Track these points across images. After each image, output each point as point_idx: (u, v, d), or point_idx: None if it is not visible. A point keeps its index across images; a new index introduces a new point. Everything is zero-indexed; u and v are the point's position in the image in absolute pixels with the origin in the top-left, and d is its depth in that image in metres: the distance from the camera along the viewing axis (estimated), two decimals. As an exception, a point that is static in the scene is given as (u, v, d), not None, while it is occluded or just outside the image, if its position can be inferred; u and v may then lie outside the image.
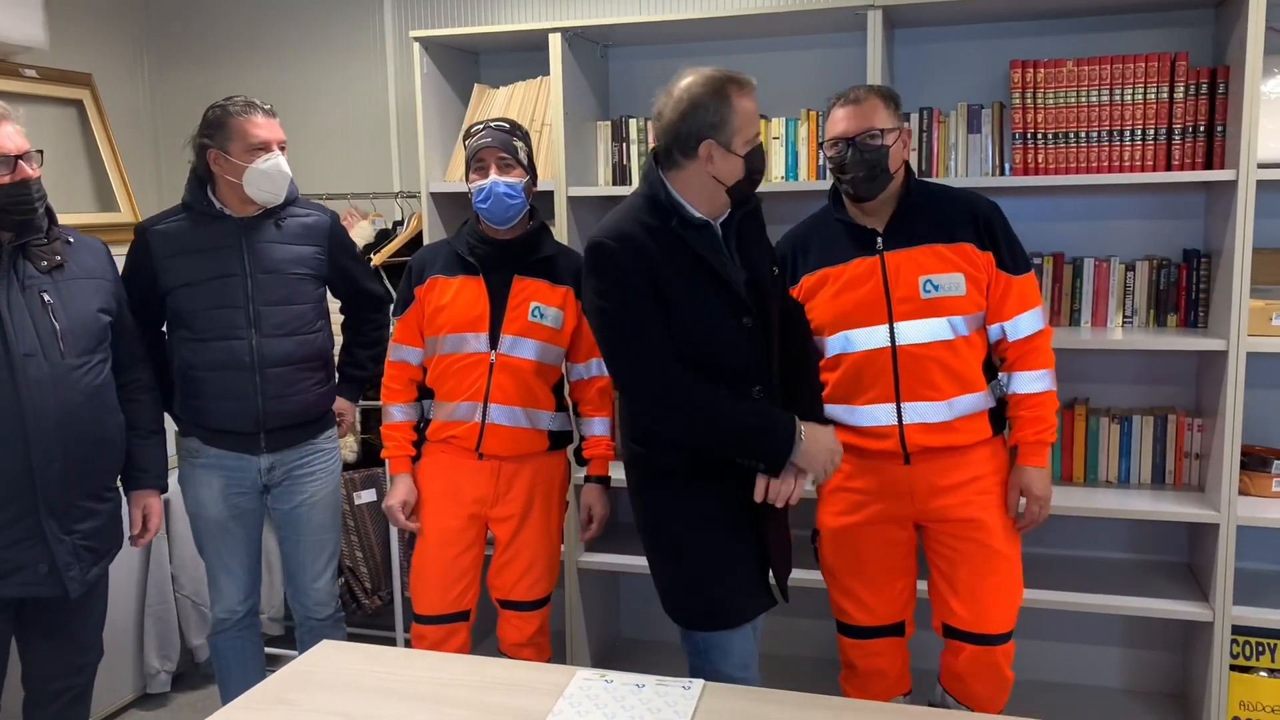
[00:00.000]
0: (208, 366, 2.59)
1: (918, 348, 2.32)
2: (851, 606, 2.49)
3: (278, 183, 2.57)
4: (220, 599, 2.75)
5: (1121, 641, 3.18)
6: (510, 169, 2.53)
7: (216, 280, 2.57)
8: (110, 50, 3.83)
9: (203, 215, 2.61)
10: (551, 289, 2.59)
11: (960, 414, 2.35)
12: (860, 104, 2.34)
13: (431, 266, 2.62)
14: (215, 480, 2.66)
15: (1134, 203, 3.02)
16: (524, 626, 2.67)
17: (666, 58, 3.35)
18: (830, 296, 2.38)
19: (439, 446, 2.63)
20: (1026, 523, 2.42)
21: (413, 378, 2.67)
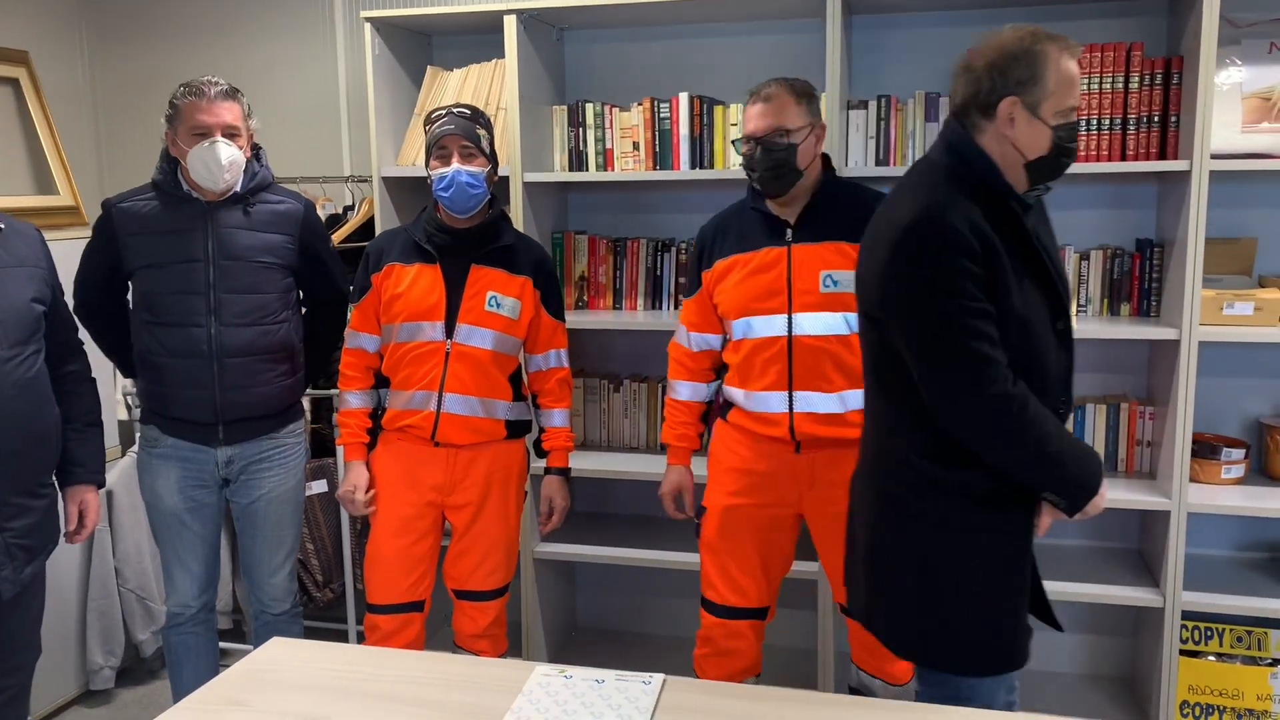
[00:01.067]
0: (167, 353, 2.52)
1: (813, 339, 2.37)
2: (724, 586, 2.54)
3: (212, 170, 2.47)
4: (174, 593, 2.68)
5: (1074, 627, 3.21)
6: (473, 157, 2.49)
7: (179, 264, 2.50)
8: (47, 27, 3.70)
9: (170, 196, 2.54)
10: (509, 278, 2.55)
11: (851, 408, 2.39)
12: (770, 102, 2.37)
13: (388, 254, 2.58)
14: (172, 471, 2.59)
15: (1088, 192, 3.04)
16: (479, 618, 2.64)
17: (623, 41, 3.31)
18: (737, 282, 2.43)
19: (394, 435, 2.59)
20: None
21: (369, 365, 2.64)
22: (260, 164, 2.64)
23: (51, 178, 3.52)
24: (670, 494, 2.68)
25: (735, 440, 2.53)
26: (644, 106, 3.13)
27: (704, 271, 2.53)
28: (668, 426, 2.69)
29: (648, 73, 3.29)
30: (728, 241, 2.48)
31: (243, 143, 2.53)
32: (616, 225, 3.36)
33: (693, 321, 2.61)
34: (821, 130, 2.44)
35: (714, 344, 2.60)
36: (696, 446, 2.69)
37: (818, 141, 2.42)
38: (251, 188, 2.59)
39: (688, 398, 2.65)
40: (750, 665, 2.60)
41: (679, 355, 2.66)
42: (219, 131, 2.47)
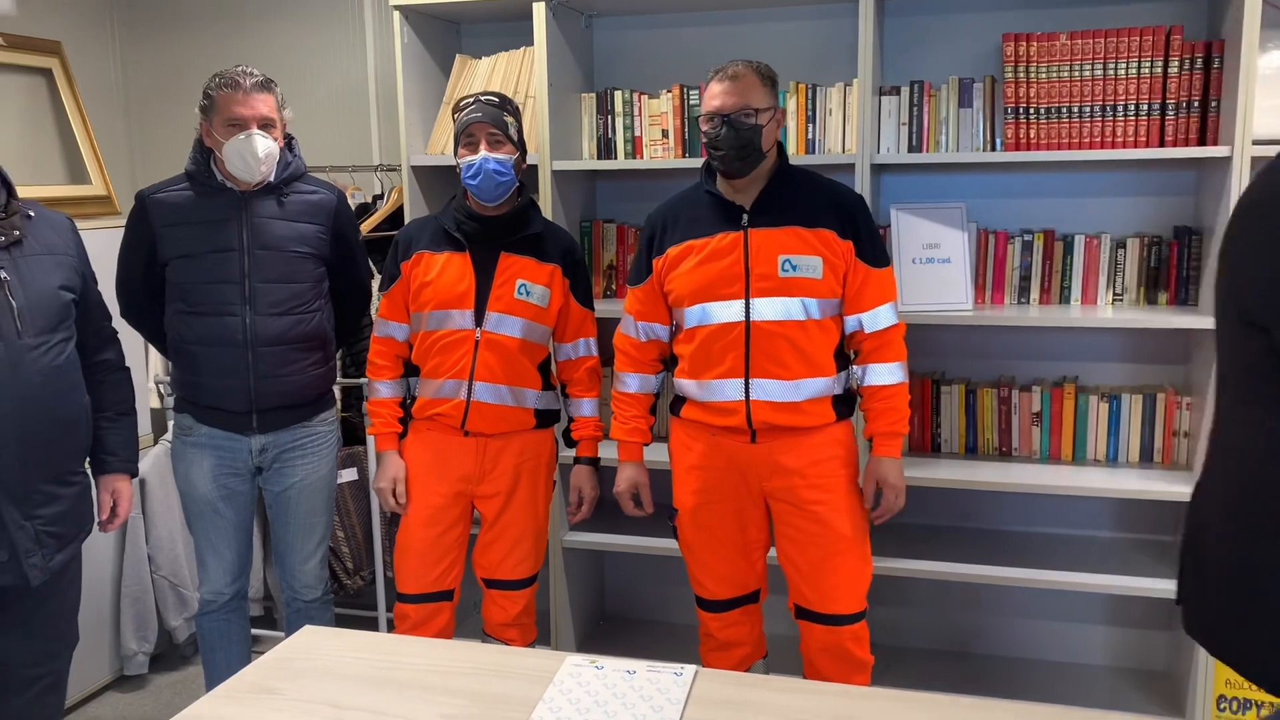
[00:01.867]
0: (201, 341, 2.53)
1: (770, 325, 2.34)
2: (709, 581, 2.54)
3: (249, 162, 2.47)
4: (207, 580, 2.70)
5: (1108, 619, 3.18)
6: (501, 145, 2.48)
7: (214, 254, 2.51)
8: (80, 18, 3.72)
9: (204, 186, 2.55)
10: (538, 266, 2.54)
11: (807, 396, 2.36)
12: (738, 80, 2.34)
13: (418, 242, 2.57)
14: (206, 459, 2.60)
15: (1125, 179, 2.99)
16: (509, 607, 2.64)
17: (652, 28, 3.28)
18: (692, 268, 2.39)
19: (424, 424, 2.59)
20: (882, 512, 2.44)
21: (399, 354, 2.64)
22: (293, 154, 2.64)
23: (84, 168, 3.54)
24: (627, 491, 2.60)
25: (690, 436, 2.49)
26: (673, 94, 3.11)
27: (655, 259, 2.47)
28: (617, 422, 2.60)
29: (676, 60, 3.26)
30: (679, 227, 2.44)
31: (277, 134, 2.53)
32: (645, 213, 3.31)
33: (640, 310, 2.54)
34: (781, 115, 2.42)
35: (661, 335, 2.55)
36: (648, 440, 2.62)
37: (778, 126, 2.41)
38: (285, 178, 2.59)
39: (636, 390, 2.59)
40: (752, 650, 2.60)
41: (625, 346, 2.59)
42: (254, 124, 2.47)
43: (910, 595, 3.30)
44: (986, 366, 3.15)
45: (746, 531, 2.49)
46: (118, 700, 3.26)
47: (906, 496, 2.46)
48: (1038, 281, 2.99)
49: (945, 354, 3.16)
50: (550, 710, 1.66)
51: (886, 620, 3.29)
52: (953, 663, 3.25)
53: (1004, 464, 2.99)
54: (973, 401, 3.06)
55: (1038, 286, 2.99)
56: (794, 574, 2.46)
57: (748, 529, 2.48)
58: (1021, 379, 3.12)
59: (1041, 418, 3.01)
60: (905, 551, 3.00)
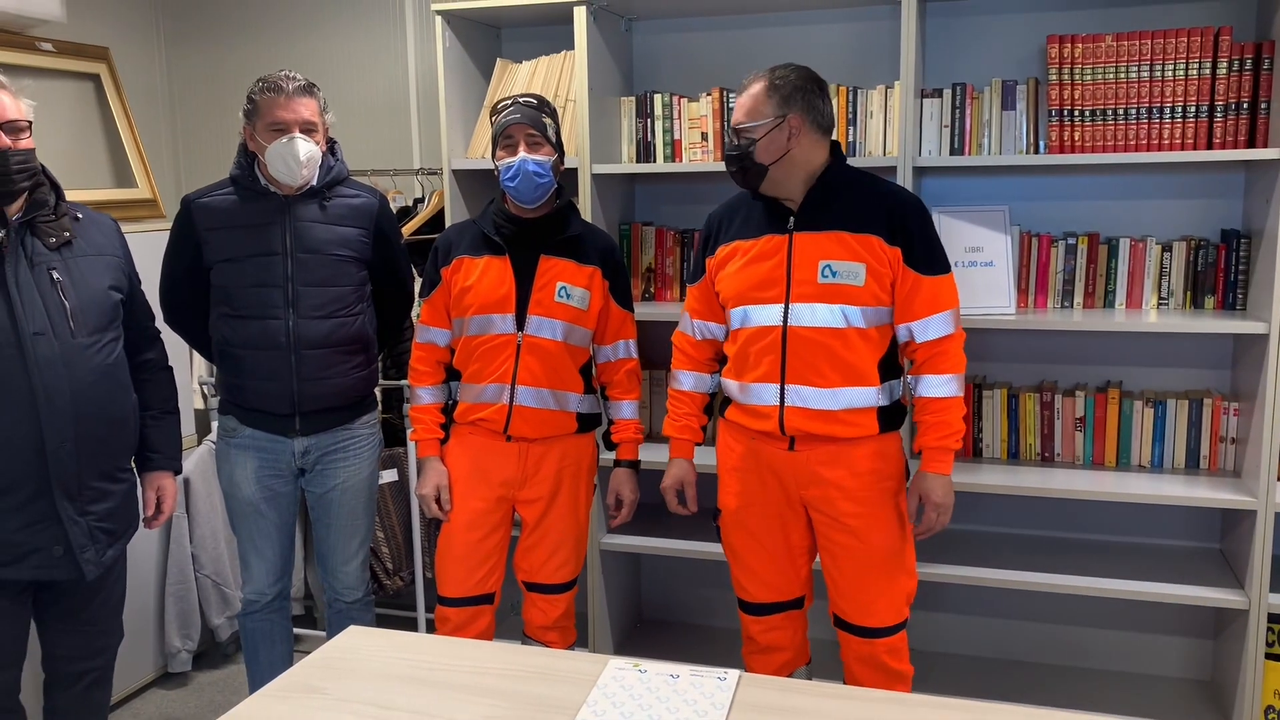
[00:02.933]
0: (245, 344, 2.56)
1: (807, 331, 2.30)
2: (751, 584, 2.52)
3: (291, 166, 2.50)
4: (250, 580, 2.73)
5: (1153, 627, 3.14)
6: (539, 146, 2.48)
7: (257, 257, 2.54)
8: (127, 24, 3.78)
9: (248, 191, 2.58)
10: (578, 269, 2.54)
11: (845, 406, 2.31)
12: (743, 94, 2.35)
13: (457, 247, 2.58)
14: (250, 461, 2.63)
15: (1171, 182, 2.95)
16: (549, 610, 2.65)
17: (692, 31, 3.29)
18: (738, 269, 2.39)
19: (466, 429, 2.60)
20: (924, 529, 2.39)
21: (440, 359, 2.64)
22: (335, 158, 2.67)
23: (130, 171, 3.59)
24: (672, 488, 2.58)
25: (733, 438, 2.48)
26: (712, 97, 3.11)
27: (708, 258, 2.48)
28: (669, 418, 2.59)
29: (716, 63, 3.26)
30: (732, 227, 2.44)
31: (319, 138, 2.55)
32: (684, 216, 3.34)
33: (696, 309, 2.54)
34: (798, 121, 2.29)
35: (717, 334, 2.53)
36: (699, 439, 2.60)
37: (789, 137, 2.29)
38: (328, 181, 2.61)
39: (690, 388, 2.58)
40: (794, 656, 2.58)
41: (682, 344, 2.59)
42: (297, 128, 2.49)
43: (950, 601, 3.28)
44: (1029, 371, 3.13)
45: (789, 536, 2.46)
46: (161, 697, 3.31)
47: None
48: (1081, 285, 2.96)
49: (987, 358, 3.13)
50: (594, 713, 1.67)
51: (926, 625, 3.27)
52: (993, 670, 3.22)
53: (1046, 469, 2.96)
54: (1015, 406, 3.03)
55: (1081, 290, 2.96)
56: (832, 585, 2.45)
57: (790, 534, 2.46)
58: (1064, 383, 3.09)
59: (1085, 423, 2.98)
60: (946, 557, 2.98)
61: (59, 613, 2.32)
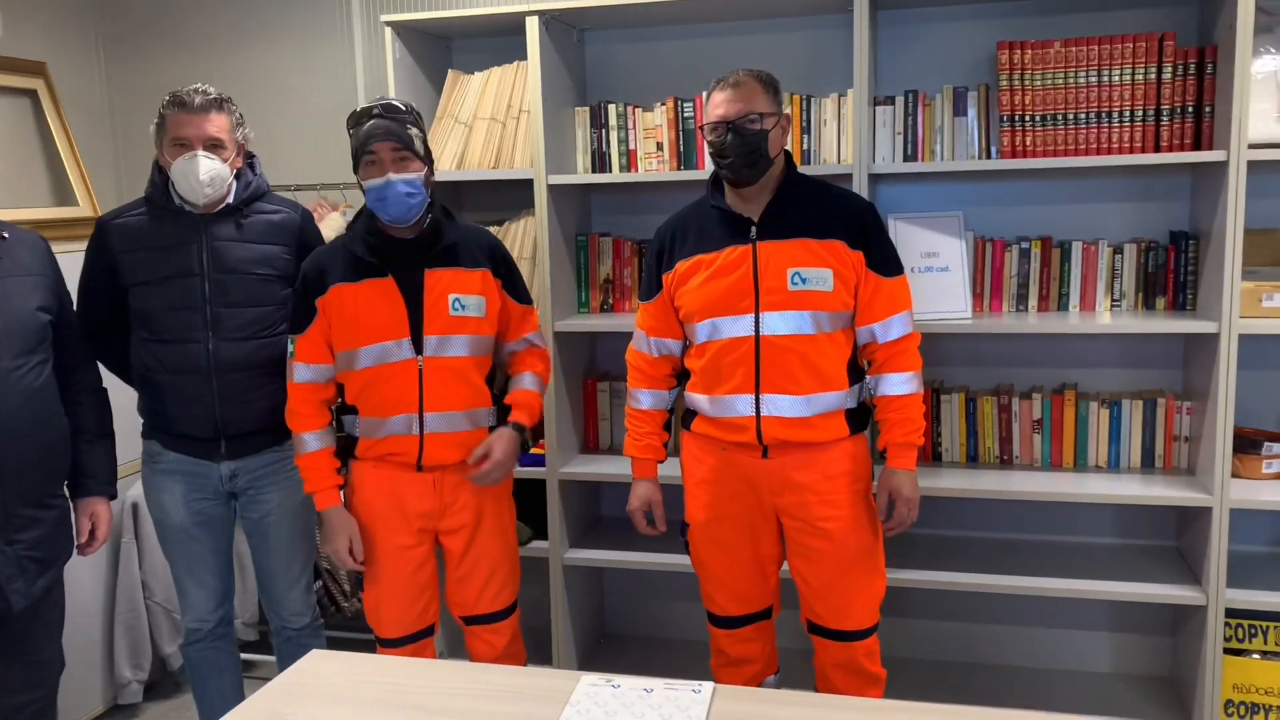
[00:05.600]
0: (165, 369, 2.47)
1: (780, 339, 2.30)
2: (721, 597, 2.50)
3: (192, 184, 2.39)
4: (190, 609, 2.63)
5: (1110, 625, 3.17)
6: (407, 163, 2.30)
7: (174, 279, 2.45)
8: (64, 37, 3.68)
9: (162, 210, 2.48)
10: (467, 275, 2.40)
11: (818, 411, 2.33)
12: (740, 87, 2.32)
13: (330, 273, 2.37)
14: (177, 486, 2.54)
15: (1120, 185, 3.00)
16: (495, 640, 2.54)
17: (644, 41, 3.28)
18: (701, 283, 2.36)
19: (371, 463, 2.44)
20: (894, 524, 2.41)
21: (324, 399, 2.44)
22: (255, 173, 2.58)
23: (70, 189, 3.50)
24: (639, 509, 2.54)
25: (701, 450, 2.46)
26: (667, 106, 3.10)
27: (664, 274, 2.44)
28: (630, 438, 2.55)
29: (669, 72, 3.25)
30: (688, 242, 2.40)
31: (228, 155, 2.45)
32: (640, 226, 3.32)
33: (651, 326, 2.50)
34: (786, 121, 2.38)
35: (674, 349, 2.50)
36: (663, 457, 2.56)
37: (784, 133, 2.36)
38: (245, 198, 2.52)
39: (650, 406, 2.53)
40: (764, 667, 2.57)
41: (638, 362, 2.54)
42: (200, 144, 2.40)
43: (913, 606, 3.28)
44: (986, 374, 3.15)
45: (759, 547, 2.45)
46: (111, 730, 3.21)
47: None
48: (1036, 288, 2.99)
49: (945, 362, 3.15)
50: (569, 731, 1.63)
51: (890, 631, 3.26)
52: (957, 673, 3.23)
53: (1005, 472, 2.98)
54: (973, 410, 3.05)
55: (1036, 294, 2.99)
56: (806, 590, 2.44)
57: (760, 544, 2.45)
58: (1021, 386, 3.12)
59: (1042, 425, 3.00)
60: (908, 562, 2.99)
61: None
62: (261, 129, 3.56)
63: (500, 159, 3.14)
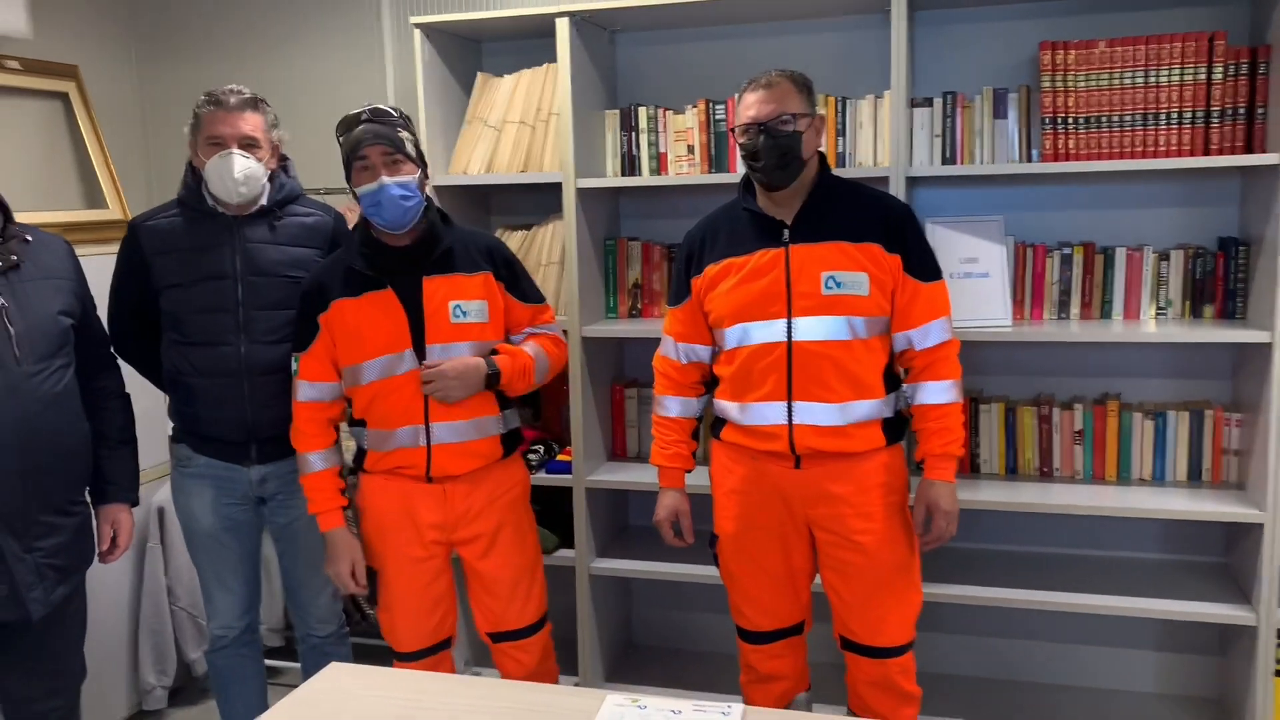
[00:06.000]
0: (196, 372, 2.45)
1: (813, 345, 2.23)
2: (752, 611, 2.43)
3: (227, 183, 2.38)
4: (215, 615, 2.61)
5: (1156, 644, 3.07)
6: (399, 166, 2.25)
7: (206, 282, 2.43)
8: (97, 41, 3.69)
9: (195, 212, 2.47)
10: (467, 280, 2.35)
11: (853, 420, 2.26)
12: (772, 88, 2.25)
13: (331, 290, 2.33)
14: (206, 490, 2.52)
15: (1167, 189, 2.90)
16: (524, 658, 2.48)
17: (677, 43, 3.22)
18: (732, 287, 2.30)
19: (381, 475, 2.40)
20: (932, 539, 2.32)
21: (330, 417, 2.41)
22: (288, 175, 2.57)
23: (101, 192, 3.50)
24: (666, 520, 2.48)
25: (731, 459, 2.39)
26: (698, 109, 3.04)
27: (693, 278, 2.38)
28: (657, 447, 2.48)
29: (701, 74, 3.20)
30: (718, 245, 2.34)
31: (263, 154, 2.44)
32: (670, 230, 3.27)
33: (680, 332, 2.44)
34: (820, 123, 2.32)
35: (703, 356, 2.44)
36: (690, 466, 2.49)
37: (817, 134, 2.31)
38: (279, 200, 2.51)
39: (677, 414, 2.47)
40: (795, 684, 2.50)
41: (665, 368, 2.47)
42: (235, 143, 2.39)
43: (950, 621, 3.20)
44: (1026, 384, 3.06)
45: (791, 559, 2.38)
46: (136, 736, 3.19)
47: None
48: (1078, 296, 2.90)
49: (984, 371, 3.07)
50: (591, 753, 1.58)
51: (926, 646, 3.18)
52: (995, 690, 3.14)
53: (1045, 485, 2.89)
54: (1012, 420, 2.96)
55: (1078, 301, 2.90)
56: (839, 605, 2.37)
57: (792, 557, 2.38)
58: (1062, 396, 3.02)
59: (1084, 436, 2.91)
60: (945, 576, 2.90)
61: (13, 653, 2.19)
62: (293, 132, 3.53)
63: (529, 162, 3.10)
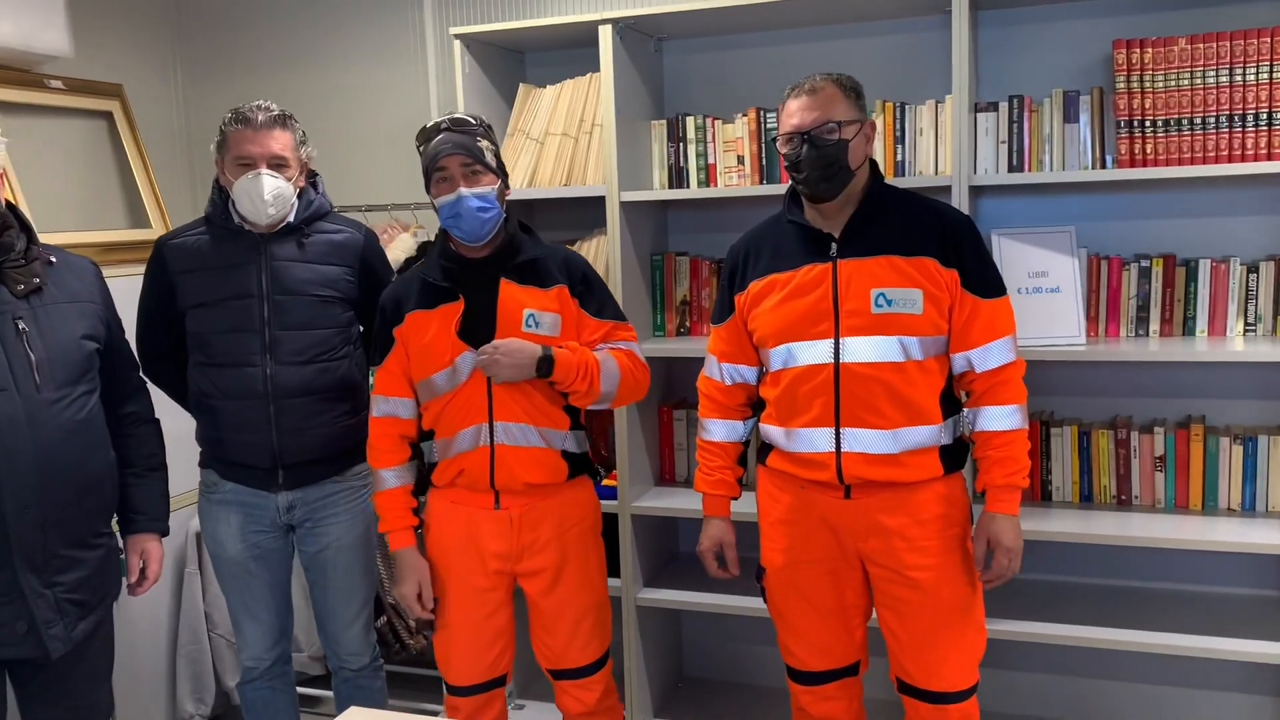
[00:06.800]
0: (222, 394, 2.38)
1: (863, 367, 2.07)
2: (802, 650, 2.27)
3: (256, 204, 2.31)
4: (246, 646, 2.52)
5: (1244, 688, 2.84)
6: (479, 177, 2.19)
7: (232, 301, 2.36)
8: (140, 59, 3.66)
9: (221, 230, 2.41)
10: (543, 293, 2.26)
11: (907, 447, 2.09)
12: (817, 94, 2.10)
13: (406, 303, 2.28)
14: (233, 517, 2.44)
15: (1254, 196, 2.70)
16: (585, 696, 2.36)
17: (726, 49, 3.09)
18: (776, 304, 2.16)
19: (448, 493, 2.31)
20: (994, 576, 2.14)
21: (404, 434, 2.32)
22: (317, 192, 2.49)
23: (145, 211, 3.46)
24: (710, 550, 2.35)
25: (777, 488, 2.24)
26: (748, 118, 2.91)
27: (736, 294, 2.25)
28: (701, 473, 2.35)
29: (752, 82, 3.06)
30: (762, 260, 2.21)
31: (292, 173, 2.37)
32: (720, 245, 3.12)
33: (724, 351, 2.30)
34: (871, 129, 2.17)
35: (748, 377, 2.30)
36: (736, 494, 2.35)
37: (867, 141, 2.15)
38: (307, 217, 2.43)
39: (722, 438, 2.33)
40: None
41: (709, 390, 2.34)
42: (264, 163, 2.32)
43: (1019, 658, 3.00)
44: (1101, 406, 2.86)
45: (844, 595, 2.23)
46: (174, 765, 3.12)
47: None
48: (1157, 311, 2.70)
49: (1055, 392, 2.87)
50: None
51: (992, 685, 2.99)
52: (1067, 734, 2.95)
53: (1123, 514, 2.70)
54: (1087, 444, 2.77)
55: (1157, 317, 2.71)
56: (895, 645, 2.20)
57: (844, 593, 2.22)
58: (1140, 419, 2.82)
59: (1165, 462, 2.71)
60: (1014, 612, 2.71)
61: (37, 688, 2.11)
62: (334, 146, 3.49)
63: (572, 175, 3.00)
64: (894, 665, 2.24)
